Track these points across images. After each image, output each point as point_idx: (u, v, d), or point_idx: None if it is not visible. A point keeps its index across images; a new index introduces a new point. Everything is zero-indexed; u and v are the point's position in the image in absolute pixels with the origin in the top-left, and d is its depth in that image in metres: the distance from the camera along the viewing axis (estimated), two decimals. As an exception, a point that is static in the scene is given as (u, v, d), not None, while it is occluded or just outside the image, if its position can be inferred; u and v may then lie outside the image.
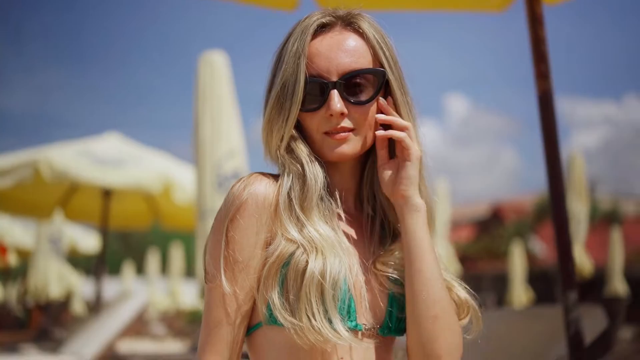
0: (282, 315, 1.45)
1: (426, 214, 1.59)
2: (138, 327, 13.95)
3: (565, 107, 66.74)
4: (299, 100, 1.56)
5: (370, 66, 1.59)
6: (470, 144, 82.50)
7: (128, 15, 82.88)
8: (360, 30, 1.62)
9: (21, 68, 79.07)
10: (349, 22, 1.63)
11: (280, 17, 3.93)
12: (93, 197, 9.55)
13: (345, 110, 1.56)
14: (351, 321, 1.51)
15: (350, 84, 1.57)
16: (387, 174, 1.60)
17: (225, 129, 5.82)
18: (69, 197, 9.72)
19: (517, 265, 19.00)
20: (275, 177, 1.60)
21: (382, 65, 1.61)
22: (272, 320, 1.49)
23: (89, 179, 8.17)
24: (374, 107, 1.60)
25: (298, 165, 1.57)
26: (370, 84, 1.58)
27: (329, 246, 1.49)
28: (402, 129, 1.58)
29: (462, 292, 1.64)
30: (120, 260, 31.33)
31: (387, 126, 1.60)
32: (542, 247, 27.68)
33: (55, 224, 12.49)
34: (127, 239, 44.70)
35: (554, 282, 15.68)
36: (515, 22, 3.34)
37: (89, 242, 15.34)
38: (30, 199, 9.56)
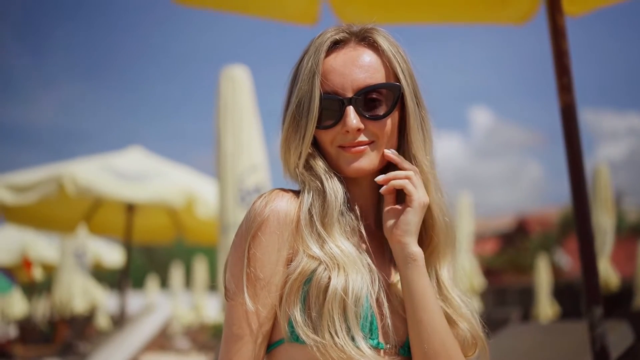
0: (304, 332, 1.43)
1: (423, 262, 1.54)
2: (162, 341, 13.99)
3: (589, 119, 66.22)
4: (315, 117, 1.56)
5: (385, 80, 1.59)
6: (495, 157, 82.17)
7: (151, 30, 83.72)
8: (375, 45, 1.61)
9: (45, 83, 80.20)
10: (363, 37, 1.63)
11: (301, 32, 3.94)
12: (117, 211, 9.60)
13: (362, 126, 1.56)
14: (373, 339, 1.49)
15: (366, 99, 1.56)
16: (389, 218, 1.57)
17: (246, 143, 5.82)
18: (93, 211, 9.78)
19: (543, 278, 18.85)
20: (297, 193, 1.60)
21: (397, 79, 1.60)
22: (294, 337, 1.47)
23: (113, 194, 8.21)
24: (390, 121, 1.59)
25: (317, 182, 1.57)
26: (386, 98, 1.57)
27: (351, 262, 1.48)
28: (404, 177, 1.56)
29: (468, 326, 1.61)
30: (144, 274, 31.51)
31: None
32: (568, 260, 27.43)
33: (79, 239, 12.57)
34: (151, 253, 44.95)
35: (580, 295, 15.51)
36: (539, 34, 3.32)
37: (113, 256, 15.42)
38: (54, 213, 9.63)
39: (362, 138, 1.56)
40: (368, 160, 1.57)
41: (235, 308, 1.51)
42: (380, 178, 1.57)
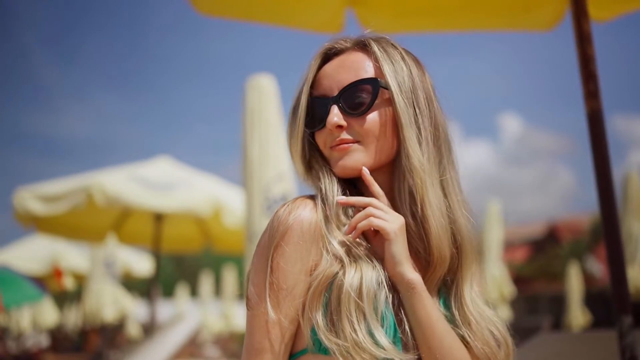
0: (326, 336, 1.41)
1: (423, 287, 1.50)
2: (192, 349, 14.04)
3: (620, 125, 65.54)
4: (302, 120, 1.62)
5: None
6: (525, 163, 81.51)
7: (179, 41, 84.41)
8: (367, 47, 1.63)
9: (75, 94, 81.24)
10: (358, 43, 1.65)
11: (326, 40, 3.93)
12: (145, 221, 9.68)
13: (343, 123, 1.56)
14: (397, 345, 1.47)
15: (350, 97, 1.57)
16: (381, 250, 1.54)
17: (273, 152, 5.83)
18: (121, 221, 9.87)
19: (574, 286, 18.67)
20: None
21: (385, 77, 1.59)
22: (317, 344, 1.45)
23: (141, 204, 8.27)
24: (377, 119, 1.57)
25: (319, 183, 1.59)
26: (368, 94, 1.57)
27: (363, 260, 1.48)
28: (364, 217, 1.51)
29: (487, 350, 1.56)
30: (174, 283, 31.68)
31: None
32: (600, 267, 27.14)
33: (109, 248, 12.68)
34: (181, 262, 45.20)
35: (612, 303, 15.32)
36: (568, 39, 3.29)
37: (142, 265, 15.52)
38: (84, 223, 9.72)
39: (346, 136, 1.57)
40: (352, 159, 1.57)
41: (257, 318, 1.49)
42: (341, 199, 1.54)
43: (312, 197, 1.59)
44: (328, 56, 1.67)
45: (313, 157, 1.65)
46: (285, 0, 3.89)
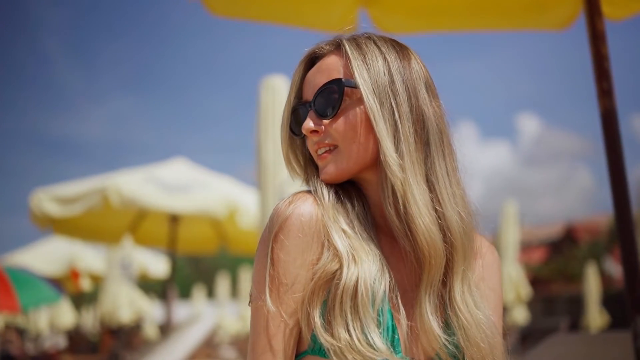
0: (322, 335, 1.39)
1: None
2: (209, 350, 14.08)
3: (638, 125, 65.04)
4: (286, 128, 1.62)
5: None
6: (543, 164, 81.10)
7: (194, 44, 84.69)
8: (341, 48, 1.58)
9: (95, 97, 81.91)
10: (334, 44, 1.61)
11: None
12: (161, 222, 9.71)
13: (315, 128, 1.54)
14: (397, 353, 1.44)
15: (320, 100, 1.54)
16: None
17: (287, 153, 5.84)
18: (137, 222, 9.90)
19: (592, 287, 18.57)
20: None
21: (354, 75, 1.53)
22: (317, 345, 1.43)
23: (157, 205, 8.31)
24: (351, 119, 1.52)
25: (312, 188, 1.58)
26: (335, 96, 1.53)
27: (364, 258, 1.44)
28: None
29: None
30: (191, 284, 31.80)
31: None
32: (617, 268, 26.98)
33: (125, 250, 12.73)
34: (198, 263, 45.36)
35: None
36: (585, 39, 3.27)
37: (158, 266, 15.57)
38: (100, 225, 9.78)
39: (323, 141, 1.54)
40: (333, 167, 1.53)
41: (259, 311, 1.46)
42: None
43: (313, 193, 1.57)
44: (313, 61, 1.63)
45: (307, 164, 1.63)
46: (297, 1, 3.90)
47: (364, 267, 1.43)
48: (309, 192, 1.55)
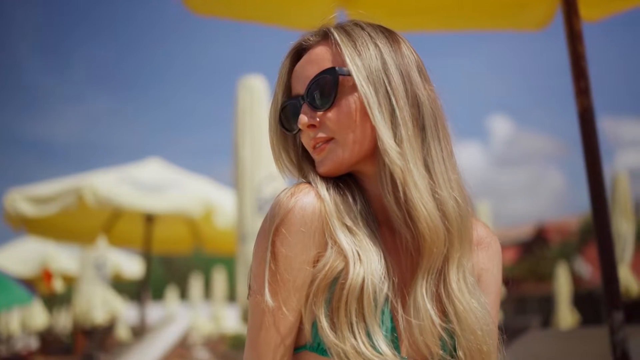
0: (325, 335, 1.36)
1: None
2: (182, 351, 14.00)
3: (609, 126, 65.69)
4: (275, 126, 1.58)
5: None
6: (515, 165, 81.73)
7: (170, 46, 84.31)
8: (329, 36, 1.54)
9: (68, 98, 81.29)
10: (322, 34, 1.56)
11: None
12: (136, 222, 9.65)
13: (313, 122, 1.49)
14: (396, 352, 1.41)
15: (313, 92, 1.49)
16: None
17: (265, 152, 5.84)
18: (112, 222, 9.84)
19: (563, 286, 18.71)
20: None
21: (346, 63, 1.49)
22: (316, 341, 1.41)
23: (132, 205, 8.25)
24: (346, 107, 1.48)
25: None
26: (329, 86, 1.48)
27: (369, 256, 1.41)
28: None
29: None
30: (164, 285, 31.61)
31: None
32: (588, 268, 27.25)
33: (99, 250, 12.64)
34: (171, 264, 45.09)
35: (600, 304, 15.40)
36: (558, 41, 3.31)
37: (132, 267, 15.47)
38: (74, 225, 9.68)
39: (320, 134, 1.49)
40: (330, 160, 1.49)
41: (258, 306, 1.43)
42: None
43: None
44: (299, 54, 1.58)
45: (301, 160, 1.58)
46: (276, 0, 3.91)
47: (370, 267, 1.39)
48: (309, 183, 1.50)
